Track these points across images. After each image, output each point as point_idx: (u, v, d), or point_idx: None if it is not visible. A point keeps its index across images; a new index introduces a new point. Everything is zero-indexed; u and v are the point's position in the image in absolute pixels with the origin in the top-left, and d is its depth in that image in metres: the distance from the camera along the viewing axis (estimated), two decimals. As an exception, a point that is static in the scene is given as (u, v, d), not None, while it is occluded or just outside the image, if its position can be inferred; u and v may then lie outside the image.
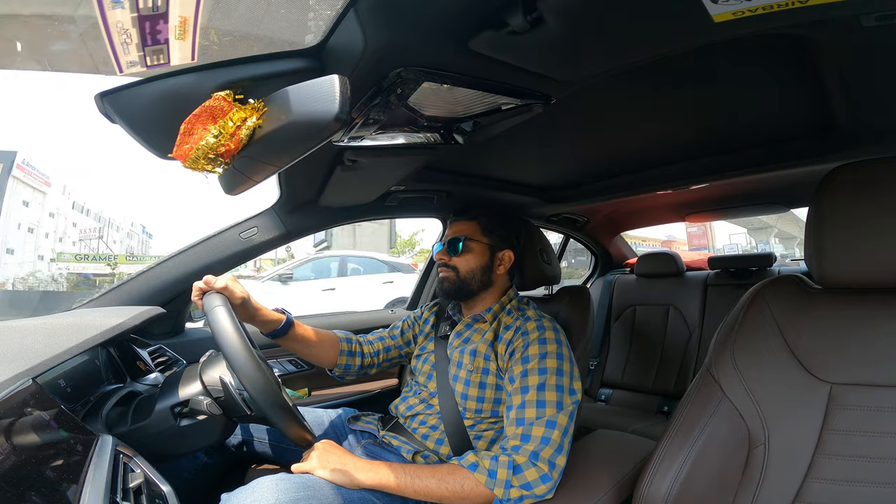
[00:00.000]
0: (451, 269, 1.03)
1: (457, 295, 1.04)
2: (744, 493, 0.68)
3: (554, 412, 0.80)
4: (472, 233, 1.04)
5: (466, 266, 1.02)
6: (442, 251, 1.06)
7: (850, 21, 0.58)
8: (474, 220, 1.06)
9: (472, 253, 1.03)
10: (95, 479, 0.52)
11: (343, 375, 1.11)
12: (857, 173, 0.67)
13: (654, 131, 1.09)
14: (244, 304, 0.87)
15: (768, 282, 0.77)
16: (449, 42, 0.59)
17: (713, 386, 0.72)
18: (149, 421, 0.72)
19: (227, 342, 0.69)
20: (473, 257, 1.03)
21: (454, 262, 1.03)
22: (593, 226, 2.11)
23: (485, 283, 1.03)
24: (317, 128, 0.53)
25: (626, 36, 0.59)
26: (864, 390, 0.64)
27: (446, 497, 0.76)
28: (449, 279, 1.03)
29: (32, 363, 0.59)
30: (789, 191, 1.63)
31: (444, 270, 1.04)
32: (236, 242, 1.19)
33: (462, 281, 1.02)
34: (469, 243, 1.03)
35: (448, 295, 1.05)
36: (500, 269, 1.04)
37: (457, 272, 1.02)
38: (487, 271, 1.03)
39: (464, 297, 1.04)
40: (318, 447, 0.81)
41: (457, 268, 1.03)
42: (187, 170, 0.63)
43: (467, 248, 1.03)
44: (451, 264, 1.03)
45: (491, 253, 1.04)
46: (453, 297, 1.05)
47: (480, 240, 1.04)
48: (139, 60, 0.56)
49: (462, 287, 1.02)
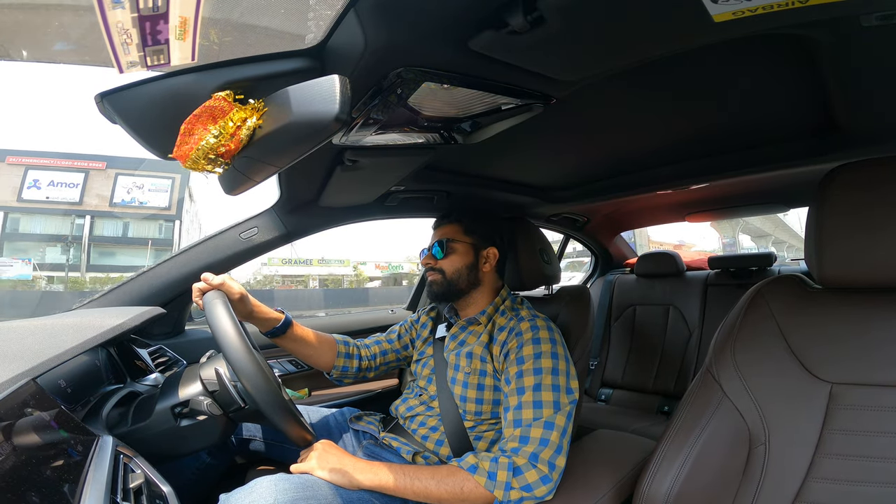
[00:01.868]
0: (437, 271, 1.04)
1: (447, 296, 1.05)
2: (744, 492, 0.68)
3: (551, 412, 0.80)
4: (454, 234, 1.06)
5: (452, 266, 1.03)
6: (427, 256, 1.07)
7: (850, 21, 0.58)
8: (456, 222, 1.08)
9: (457, 253, 1.04)
10: (95, 479, 0.52)
11: (340, 378, 1.11)
12: (857, 173, 0.67)
13: (654, 131, 1.09)
14: (242, 301, 0.87)
15: (768, 281, 0.77)
16: (449, 42, 0.59)
17: (713, 386, 0.72)
18: (149, 421, 0.72)
19: (223, 335, 0.69)
20: (458, 257, 1.04)
21: (440, 264, 1.04)
22: (593, 226, 2.11)
23: (472, 281, 1.04)
24: (317, 128, 0.53)
25: (626, 36, 0.59)
26: (864, 390, 0.64)
27: (445, 498, 0.75)
28: (437, 282, 1.04)
29: (33, 363, 0.59)
30: (789, 191, 1.63)
31: (432, 274, 1.05)
32: (236, 242, 1.19)
33: (449, 282, 1.03)
34: (452, 244, 1.05)
35: (438, 297, 1.06)
36: (486, 267, 1.05)
37: (443, 274, 1.04)
38: (473, 269, 1.04)
39: (454, 298, 1.05)
40: (318, 447, 0.81)
41: (443, 269, 1.04)
42: (188, 170, 0.63)
43: (451, 249, 1.04)
44: (437, 267, 1.05)
45: (475, 251, 1.05)
46: (443, 300, 1.06)
47: (463, 240, 1.05)
48: (139, 60, 0.56)
49: (451, 288, 1.03)
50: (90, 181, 20.55)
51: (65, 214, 20.26)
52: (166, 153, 0.65)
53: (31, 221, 20.21)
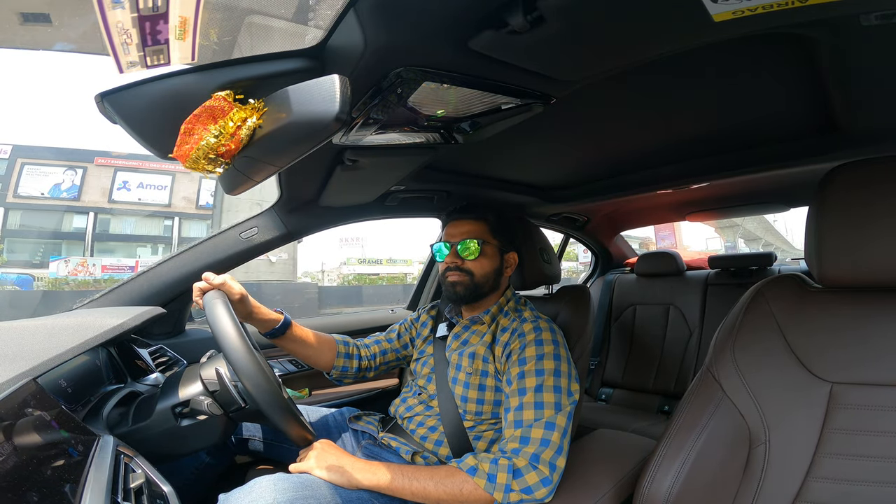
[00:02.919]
0: (464, 272, 0.97)
1: (469, 299, 0.99)
2: (744, 492, 0.68)
3: (552, 413, 0.80)
4: (483, 234, 0.99)
5: (482, 270, 0.97)
6: (452, 254, 0.99)
7: (850, 21, 0.58)
8: (482, 219, 1.00)
9: (486, 256, 0.98)
10: (96, 479, 0.52)
11: (340, 378, 1.11)
12: (857, 173, 0.67)
13: (654, 131, 1.09)
14: (242, 302, 0.87)
15: (768, 281, 0.77)
16: (449, 42, 0.59)
17: (713, 385, 0.72)
18: (149, 421, 0.72)
19: (224, 336, 0.69)
20: (488, 261, 0.98)
21: (468, 265, 0.97)
22: (593, 225, 2.11)
23: (494, 286, 1.01)
24: (317, 128, 0.53)
25: (626, 36, 0.59)
26: (864, 389, 0.64)
27: (444, 499, 0.75)
28: (463, 283, 0.97)
29: (33, 363, 0.59)
30: (789, 191, 1.63)
31: (457, 275, 0.97)
32: (236, 242, 1.19)
33: (476, 285, 0.97)
34: (484, 246, 0.97)
35: (460, 299, 0.99)
36: (508, 272, 1.02)
37: (471, 276, 0.97)
38: (498, 275, 1.00)
39: (474, 301, 1.01)
40: (317, 447, 0.81)
41: (472, 272, 0.97)
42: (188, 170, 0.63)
43: (482, 251, 0.97)
44: (465, 268, 0.97)
45: (500, 255, 1.01)
46: (465, 302, 1.00)
47: (492, 241, 0.99)
48: (139, 60, 0.56)
49: (476, 291, 0.97)
50: (176, 184, 20.99)
51: (151, 216, 20.86)
52: (166, 153, 0.65)
53: (120, 222, 20.79)
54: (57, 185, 19.73)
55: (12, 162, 19.58)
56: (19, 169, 19.51)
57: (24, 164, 19.93)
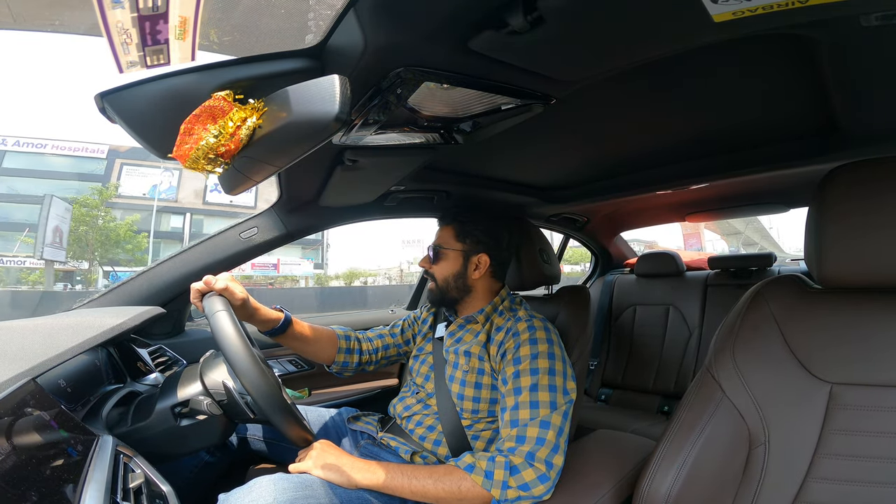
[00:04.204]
0: (432, 277, 1.04)
1: (440, 302, 1.05)
2: (744, 492, 0.68)
3: (548, 412, 0.80)
4: (445, 240, 1.03)
5: (441, 274, 1.02)
6: (424, 259, 1.06)
7: (850, 21, 0.58)
8: (448, 225, 1.05)
9: (446, 260, 1.02)
10: (96, 479, 0.52)
11: (341, 372, 1.11)
12: (857, 173, 0.67)
13: (654, 131, 1.09)
14: (244, 305, 0.87)
15: (768, 281, 0.77)
16: (449, 42, 0.59)
17: (713, 386, 0.72)
18: (149, 421, 0.72)
19: (230, 347, 0.68)
20: (447, 265, 1.02)
21: (433, 269, 1.04)
22: (593, 226, 2.11)
23: (462, 289, 1.02)
24: (317, 128, 0.53)
25: (626, 36, 0.59)
26: (864, 390, 0.64)
27: (443, 498, 0.75)
28: (432, 288, 1.04)
29: (33, 363, 0.59)
30: (789, 191, 1.63)
31: (429, 279, 1.05)
32: (236, 242, 1.19)
33: (440, 289, 1.02)
34: (441, 251, 1.03)
35: (434, 302, 1.06)
36: (476, 274, 1.01)
37: (435, 280, 1.03)
38: (461, 277, 1.01)
39: (447, 305, 1.05)
40: (316, 447, 0.81)
41: (434, 275, 1.03)
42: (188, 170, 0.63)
43: (441, 256, 1.03)
44: (430, 272, 1.04)
45: (464, 258, 1.02)
46: (439, 304, 1.07)
47: (453, 246, 1.02)
48: (139, 60, 0.56)
49: (442, 295, 1.03)
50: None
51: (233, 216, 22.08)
52: (166, 153, 0.65)
53: (212, 223, 22.03)
54: (155, 185, 20.99)
55: (111, 162, 20.68)
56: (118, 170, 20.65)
57: (123, 164, 21.05)
